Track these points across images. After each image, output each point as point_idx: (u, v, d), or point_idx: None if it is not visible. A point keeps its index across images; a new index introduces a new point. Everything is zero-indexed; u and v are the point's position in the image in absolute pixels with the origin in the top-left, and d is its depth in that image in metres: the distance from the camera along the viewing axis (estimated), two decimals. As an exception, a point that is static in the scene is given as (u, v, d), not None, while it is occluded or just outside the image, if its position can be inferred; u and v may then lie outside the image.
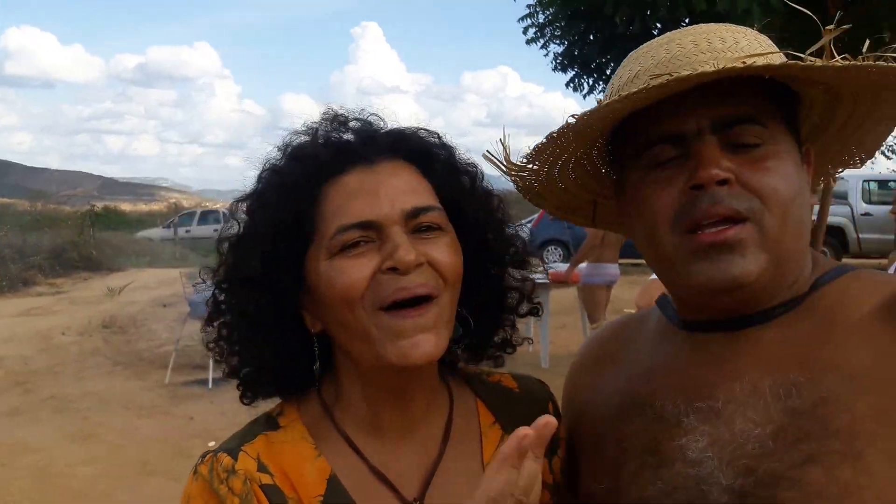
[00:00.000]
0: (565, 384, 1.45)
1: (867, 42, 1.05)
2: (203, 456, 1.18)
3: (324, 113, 1.27)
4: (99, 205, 35.47)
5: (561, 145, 1.19)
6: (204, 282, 1.29)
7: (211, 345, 1.28)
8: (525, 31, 12.13)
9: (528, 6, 11.99)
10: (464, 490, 1.14)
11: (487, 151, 1.26)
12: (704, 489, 1.07)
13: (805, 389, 1.05)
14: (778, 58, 1.09)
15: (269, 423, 1.23)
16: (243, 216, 1.25)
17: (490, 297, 1.31)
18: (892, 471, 0.98)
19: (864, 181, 19.15)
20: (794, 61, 1.04)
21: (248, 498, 1.13)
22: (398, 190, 1.17)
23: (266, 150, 1.26)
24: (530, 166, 1.26)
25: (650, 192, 1.14)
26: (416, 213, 1.16)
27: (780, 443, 1.04)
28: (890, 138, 16.28)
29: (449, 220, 1.22)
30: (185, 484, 1.18)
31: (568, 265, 10.24)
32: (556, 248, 21.12)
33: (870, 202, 18.87)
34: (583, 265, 9.67)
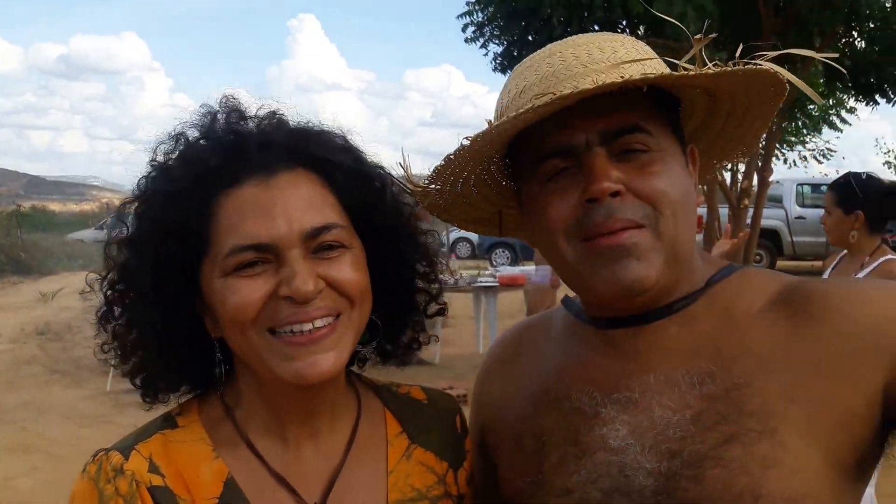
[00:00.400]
0: (475, 390, 1.47)
1: (741, 47, 1.13)
2: (95, 454, 1.16)
3: (222, 103, 1.21)
4: (26, 204, 34.40)
5: (459, 164, 1.21)
6: (91, 289, 1.24)
7: (105, 347, 1.23)
8: (464, 28, 12.08)
9: (468, 3, 11.93)
10: (366, 497, 1.20)
11: (389, 174, 1.29)
12: (629, 474, 1.13)
13: (718, 377, 1.14)
14: (654, 65, 1.15)
15: (167, 421, 1.21)
16: (133, 218, 1.20)
17: (399, 301, 1.29)
18: (802, 444, 1.08)
19: (798, 185, 19.71)
20: (669, 72, 1.10)
21: (133, 500, 1.10)
22: (297, 207, 1.11)
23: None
24: (433, 186, 1.28)
25: (547, 204, 1.18)
26: (315, 233, 1.11)
27: (701, 426, 1.12)
28: (821, 142, 16.82)
29: (354, 232, 1.18)
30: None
31: (528, 268, 10.32)
32: (503, 251, 21.40)
33: (803, 206, 19.35)
34: (532, 267, 9.77)
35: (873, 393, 1.09)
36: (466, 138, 1.13)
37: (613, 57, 1.14)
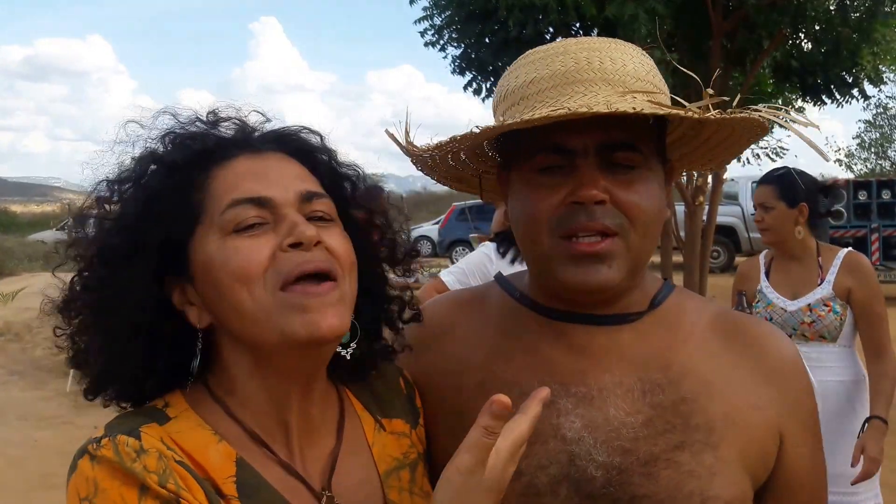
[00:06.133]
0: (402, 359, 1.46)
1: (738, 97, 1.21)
2: (96, 440, 1.04)
3: (207, 111, 1.24)
4: (-13, 206, 33.72)
5: (461, 142, 1.29)
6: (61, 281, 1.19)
7: (63, 336, 1.19)
8: (423, 33, 12.14)
9: (424, 8, 11.87)
10: (361, 474, 1.23)
11: (386, 130, 1.35)
12: (579, 464, 1.21)
13: (666, 389, 1.25)
14: (661, 98, 1.23)
15: (155, 414, 1.12)
16: (112, 201, 1.17)
17: (372, 303, 1.29)
18: (738, 464, 1.23)
19: (753, 182, 19.78)
20: (677, 112, 1.17)
21: (167, 473, 1.02)
22: (289, 175, 1.16)
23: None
24: (428, 154, 1.35)
25: (535, 195, 1.25)
26: (309, 196, 1.15)
27: (651, 431, 1.22)
28: (774, 141, 17.12)
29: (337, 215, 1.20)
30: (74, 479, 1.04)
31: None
32: (462, 250, 21.49)
33: (760, 202, 19.56)
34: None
35: (777, 434, 1.28)
36: (477, 127, 1.22)
37: (623, 71, 1.23)
